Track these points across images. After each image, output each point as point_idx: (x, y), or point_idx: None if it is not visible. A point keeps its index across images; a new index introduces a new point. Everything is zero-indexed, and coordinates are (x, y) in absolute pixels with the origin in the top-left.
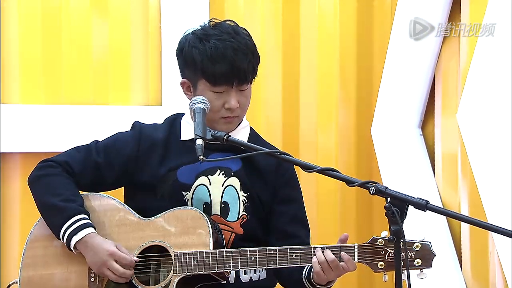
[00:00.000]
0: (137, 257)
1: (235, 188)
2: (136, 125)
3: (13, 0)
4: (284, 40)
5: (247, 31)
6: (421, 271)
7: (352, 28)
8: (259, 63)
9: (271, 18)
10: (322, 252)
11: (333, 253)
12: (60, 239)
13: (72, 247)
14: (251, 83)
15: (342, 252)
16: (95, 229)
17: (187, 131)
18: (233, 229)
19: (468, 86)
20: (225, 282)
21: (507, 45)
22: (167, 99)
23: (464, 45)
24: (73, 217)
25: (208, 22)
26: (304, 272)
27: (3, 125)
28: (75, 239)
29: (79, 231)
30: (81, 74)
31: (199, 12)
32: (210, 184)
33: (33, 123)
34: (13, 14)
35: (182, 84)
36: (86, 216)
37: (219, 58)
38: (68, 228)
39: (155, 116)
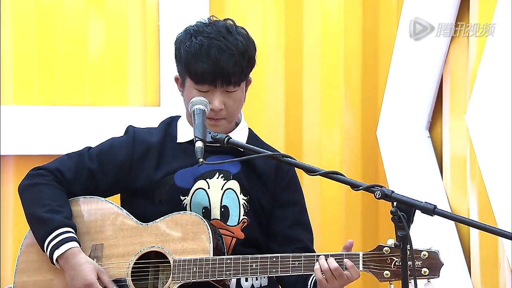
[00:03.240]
0: (135, 262)
1: (234, 192)
2: (130, 130)
3: (7, 0)
4: (287, 40)
5: (245, 31)
6: (428, 281)
7: (357, 27)
8: (252, 65)
9: (273, 16)
10: (326, 260)
11: (337, 262)
12: (44, 252)
13: (54, 261)
14: (239, 85)
15: (345, 259)
16: (79, 243)
17: (184, 133)
18: (233, 233)
19: (477, 87)
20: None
21: None
22: (165, 100)
23: (472, 45)
24: (56, 230)
25: (208, 19)
26: (310, 283)
27: None
28: (57, 253)
29: (61, 245)
30: (76, 74)
31: (198, 11)
32: (209, 188)
33: (27, 125)
34: (7, 13)
35: (176, 80)
36: (71, 229)
37: (202, 56)
38: (51, 242)
39: (153, 117)
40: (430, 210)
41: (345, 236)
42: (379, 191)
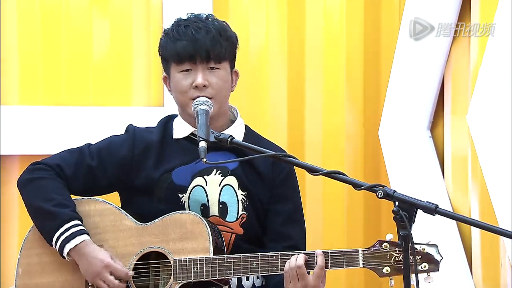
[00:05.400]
0: (136, 263)
1: (232, 188)
2: (130, 129)
3: (12, 0)
4: (290, 40)
5: (226, 23)
6: (428, 275)
7: (359, 27)
8: (232, 45)
9: (276, 17)
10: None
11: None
12: (52, 246)
13: (65, 255)
14: (220, 63)
15: (318, 256)
16: (89, 235)
17: (179, 130)
18: (232, 229)
19: (479, 87)
20: (226, 286)
21: None
22: (168, 100)
23: (474, 45)
24: (66, 223)
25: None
26: None
27: (2, 127)
28: (68, 246)
29: (72, 238)
30: (81, 74)
31: (201, 12)
32: (206, 185)
33: (32, 125)
34: (12, 14)
35: (164, 80)
36: (80, 222)
37: (180, 36)
38: (62, 235)
39: (156, 117)
40: (432, 210)
41: (347, 234)
42: (381, 191)
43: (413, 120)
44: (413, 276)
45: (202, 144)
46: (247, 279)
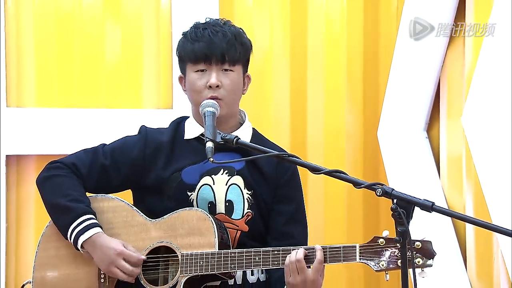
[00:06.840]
0: (146, 257)
1: (239, 187)
2: (143, 129)
3: (28, 5)
4: (292, 42)
5: (243, 30)
6: (422, 270)
7: (359, 31)
8: (246, 50)
9: (279, 21)
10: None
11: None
12: (67, 239)
13: (79, 247)
14: (234, 65)
15: (317, 251)
16: (102, 228)
17: (190, 130)
18: (238, 226)
19: (473, 89)
20: (232, 280)
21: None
22: (178, 102)
23: (469, 46)
24: (80, 217)
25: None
26: None
27: (19, 128)
28: (82, 238)
29: (86, 231)
30: (94, 78)
31: (209, 16)
32: (214, 184)
33: (48, 126)
34: (29, 19)
35: (179, 80)
36: (93, 216)
37: (197, 38)
38: (76, 228)
39: (166, 119)
40: (428, 207)
41: (347, 231)
42: (380, 189)
43: (410, 122)
44: (409, 270)
45: (209, 144)
46: (252, 273)
